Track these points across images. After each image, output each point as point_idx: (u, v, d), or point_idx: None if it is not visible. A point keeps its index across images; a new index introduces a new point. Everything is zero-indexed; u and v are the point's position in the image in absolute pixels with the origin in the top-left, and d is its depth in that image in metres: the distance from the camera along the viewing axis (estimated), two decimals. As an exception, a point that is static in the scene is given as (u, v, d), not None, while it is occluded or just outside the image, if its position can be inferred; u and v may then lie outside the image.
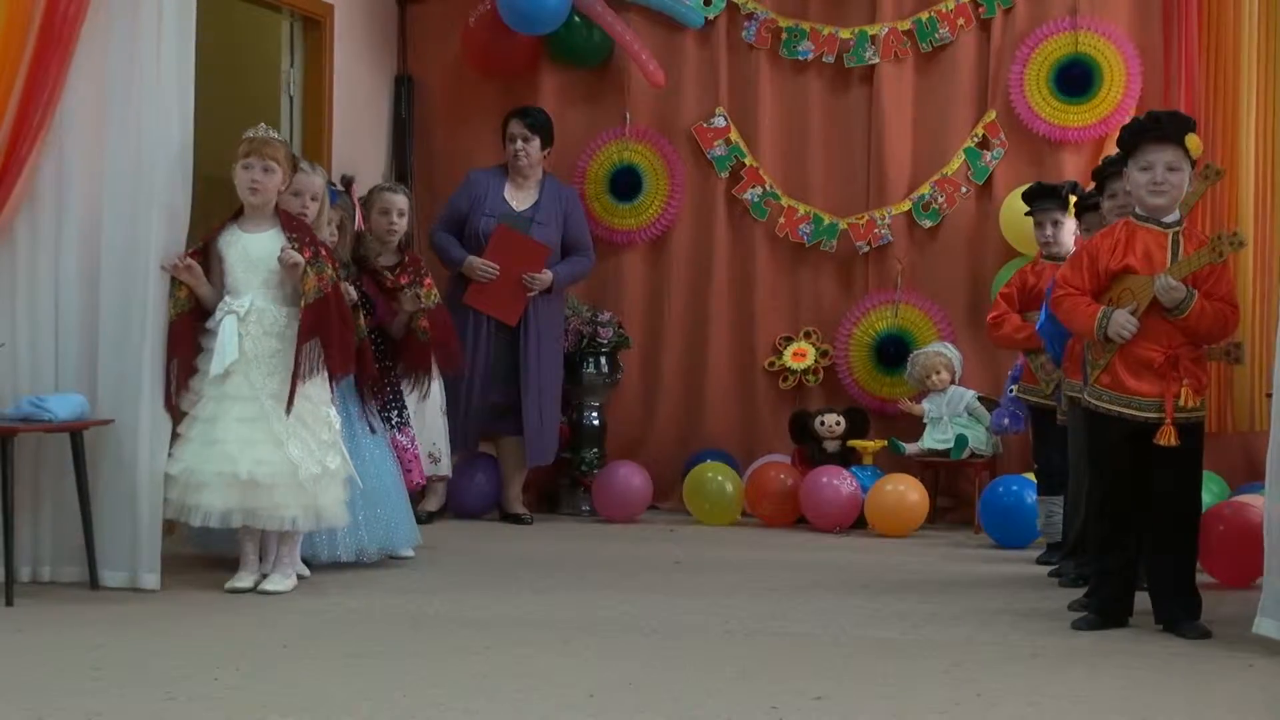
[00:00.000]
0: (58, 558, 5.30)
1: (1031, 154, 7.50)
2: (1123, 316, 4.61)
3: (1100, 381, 4.72)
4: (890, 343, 7.66)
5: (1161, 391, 4.62)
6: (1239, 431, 6.99)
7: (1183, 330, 4.63)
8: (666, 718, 3.56)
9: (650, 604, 5.13)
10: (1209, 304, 4.60)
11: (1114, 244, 4.71)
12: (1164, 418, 4.62)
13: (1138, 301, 4.62)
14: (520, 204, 7.36)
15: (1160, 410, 4.63)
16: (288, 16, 7.62)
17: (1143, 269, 4.64)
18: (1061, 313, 4.80)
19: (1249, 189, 7.01)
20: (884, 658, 4.32)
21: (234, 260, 5.26)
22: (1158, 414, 4.63)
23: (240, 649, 4.33)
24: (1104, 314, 4.65)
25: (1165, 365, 4.62)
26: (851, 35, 7.72)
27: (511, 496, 7.40)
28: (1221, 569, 5.47)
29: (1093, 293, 4.73)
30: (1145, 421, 4.65)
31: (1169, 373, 4.62)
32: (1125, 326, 4.61)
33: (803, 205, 7.80)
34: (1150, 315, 4.61)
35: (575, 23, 7.75)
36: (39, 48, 5.17)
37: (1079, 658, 4.34)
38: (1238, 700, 3.87)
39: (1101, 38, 7.40)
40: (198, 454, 5.13)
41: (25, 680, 3.90)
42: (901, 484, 7.00)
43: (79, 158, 5.27)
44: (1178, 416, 4.62)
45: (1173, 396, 4.62)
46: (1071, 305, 4.75)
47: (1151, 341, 4.63)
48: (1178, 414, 4.62)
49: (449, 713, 3.59)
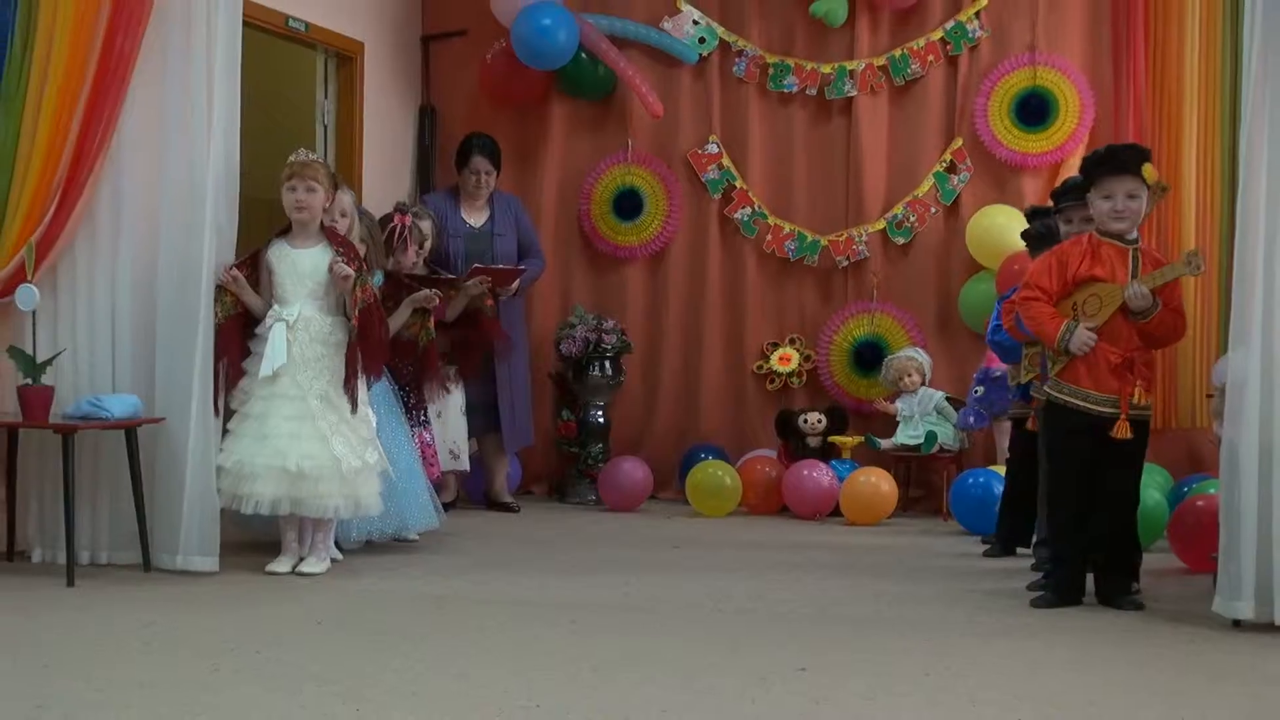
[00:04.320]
0: (114, 543, 5.30)
1: (994, 178, 7.50)
2: (1084, 334, 4.65)
3: (1062, 376, 4.74)
4: (867, 348, 7.65)
5: (1118, 390, 4.65)
6: (1181, 428, 6.99)
7: (1141, 335, 4.68)
8: (665, 689, 3.56)
9: (650, 585, 5.13)
10: (1164, 312, 4.66)
11: (1082, 254, 4.74)
12: (1119, 413, 4.64)
13: (1105, 306, 4.64)
14: (477, 221, 7.33)
15: (1115, 406, 4.66)
16: (322, 53, 7.63)
17: (1107, 278, 4.67)
18: (1028, 317, 4.81)
19: (1191, 206, 7.01)
20: (862, 633, 4.32)
21: (283, 272, 5.25)
22: (1112, 410, 4.65)
23: (279, 626, 4.33)
24: (1067, 328, 4.67)
25: (1122, 366, 4.65)
26: (832, 70, 7.71)
27: (498, 488, 7.35)
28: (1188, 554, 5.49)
29: (1059, 296, 4.75)
30: (1101, 416, 4.67)
31: (1125, 373, 4.65)
32: (1086, 344, 4.65)
33: (788, 224, 7.80)
34: (1111, 320, 4.64)
35: (582, 59, 7.76)
36: (96, 83, 5.18)
37: (1038, 633, 4.35)
38: (1180, 669, 3.88)
39: (1057, 72, 7.39)
40: (249, 448, 5.13)
41: (83, 653, 3.90)
42: (873, 476, 6.99)
43: (135, 180, 5.28)
44: (1131, 412, 4.66)
45: (1128, 394, 4.65)
46: (1038, 312, 4.76)
47: (1111, 344, 4.66)
48: (1131, 410, 4.66)
49: (468, 684, 3.59)
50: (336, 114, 7.72)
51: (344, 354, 5.24)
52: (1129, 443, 4.69)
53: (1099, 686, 3.70)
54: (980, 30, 7.55)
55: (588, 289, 8.05)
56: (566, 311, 7.89)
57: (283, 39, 7.22)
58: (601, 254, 8.03)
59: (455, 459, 6.88)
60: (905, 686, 3.63)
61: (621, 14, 7.91)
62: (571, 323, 7.68)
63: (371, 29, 7.81)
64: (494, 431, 7.25)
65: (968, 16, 7.55)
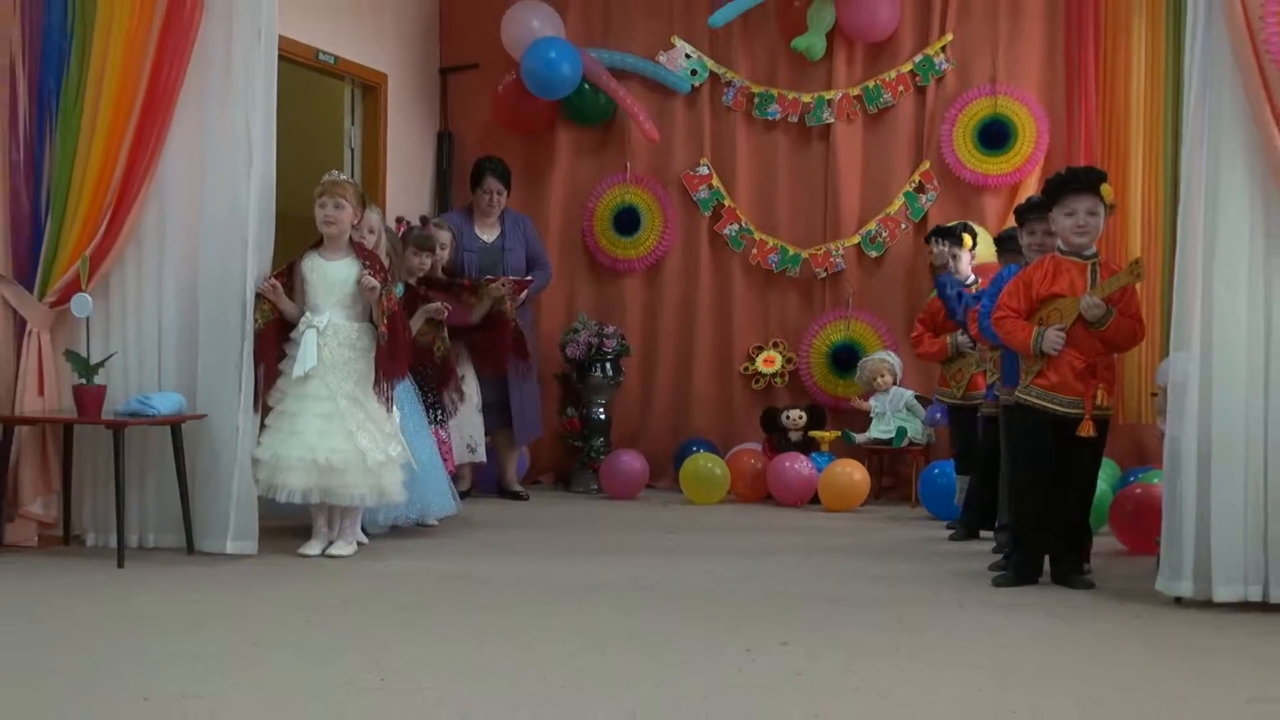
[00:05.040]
0: (160, 528, 5.30)
1: (959, 197, 7.50)
2: (1054, 334, 4.65)
3: (1034, 383, 4.73)
4: (843, 351, 7.65)
5: (1082, 392, 4.66)
6: (1128, 424, 6.98)
7: (1102, 341, 4.68)
8: (660, 662, 3.56)
9: (647, 566, 5.12)
10: (1122, 320, 4.65)
11: (1044, 274, 4.76)
12: (1083, 413, 4.65)
13: (1065, 319, 4.65)
14: (489, 237, 7.33)
15: (1079, 407, 4.66)
16: (349, 84, 7.62)
17: (1068, 294, 4.68)
18: (1002, 332, 4.81)
19: (1137, 221, 7.01)
20: (838, 610, 4.32)
21: (315, 282, 5.25)
22: (1077, 411, 4.66)
23: (311, 603, 4.32)
24: (1039, 333, 4.68)
25: (1086, 371, 4.66)
26: (812, 99, 7.71)
27: (509, 478, 7.34)
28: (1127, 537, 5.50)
29: (1026, 313, 4.76)
30: (1066, 416, 4.67)
31: (1089, 378, 4.66)
32: (1056, 344, 4.65)
33: (771, 239, 7.79)
34: (1075, 330, 4.65)
35: (585, 89, 7.75)
36: (144, 111, 5.19)
37: (998, 609, 4.34)
38: (1126, 641, 3.88)
39: (1016, 101, 7.39)
40: (283, 442, 5.13)
41: (133, 628, 3.90)
42: (849, 467, 6.98)
43: (179, 199, 5.28)
44: (1094, 412, 4.66)
45: (1091, 396, 4.66)
46: (1011, 326, 4.77)
47: (1076, 351, 4.66)
48: (1094, 411, 4.67)
49: (481, 656, 3.59)
50: (362, 139, 7.72)
51: (369, 357, 5.24)
52: (1090, 440, 4.69)
53: (1054, 656, 3.70)
54: (946, 63, 7.55)
55: (590, 298, 8.04)
56: (571, 318, 7.88)
57: (314, 71, 7.21)
58: (603, 266, 8.02)
59: (472, 452, 6.87)
60: (878, 658, 3.63)
61: (621, 48, 7.91)
62: (576, 328, 7.68)
63: (394, 62, 7.81)
64: (506, 427, 7.24)
65: (935, 50, 7.56)
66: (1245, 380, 4.32)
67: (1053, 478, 4.75)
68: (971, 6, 7.52)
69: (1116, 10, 7.08)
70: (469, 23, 8.14)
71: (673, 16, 7.91)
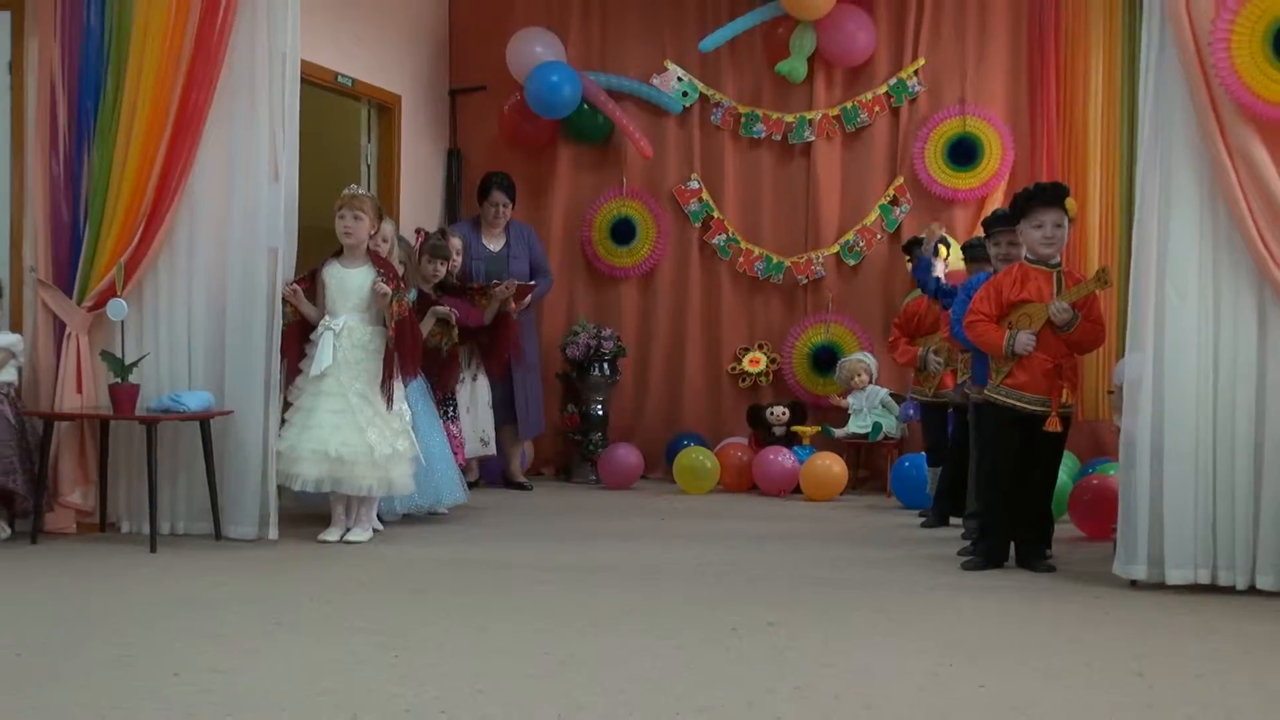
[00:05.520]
0: (190, 515, 5.29)
1: (930, 210, 7.49)
2: (1025, 337, 4.66)
3: (1004, 382, 4.74)
4: (823, 352, 7.65)
5: (1048, 391, 4.66)
6: (1087, 420, 6.99)
7: (1067, 343, 4.69)
8: (655, 639, 3.56)
9: (642, 551, 5.12)
10: (1086, 323, 4.66)
11: (1013, 281, 4.76)
12: (1049, 410, 4.66)
13: (1034, 323, 4.65)
14: (495, 246, 7.30)
15: (1045, 405, 4.67)
16: (366, 104, 7.61)
17: (1035, 299, 4.68)
18: (975, 335, 4.80)
19: (1095, 232, 7.03)
20: (819, 592, 4.32)
21: (333, 288, 5.26)
22: (1043, 408, 4.67)
23: (329, 586, 4.32)
24: (1010, 336, 4.68)
25: (1052, 371, 4.66)
26: (794, 119, 7.71)
27: (513, 469, 7.33)
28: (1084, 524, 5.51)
29: (997, 318, 4.76)
30: (1032, 413, 4.68)
31: (1054, 378, 4.66)
32: (1026, 345, 4.66)
33: (757, 248, 7.80)
34: (1042, 333, 4.66)
35: (584, 109, 7.75)
36: (175, 130, 5.19)
37: (968, 591, 4.35)
38: (1085, 619, 3.89)
39: (983, 120, 7.40)
40: (298, 436, 5.13)
41: (164, 608, 3.90)
42: (828, 459, 6.98)
43: (208, 211, 5.28)
44: (1060, 409, 4.67)
45: (1057, 394, 4.66)
46: (983, 329, 4.77)
47: (1044, 353, 4.66)
48: (1060, 408, 4.67)
49: (488, 635, 3.59)
50: (378, 155, 7.70)
51: (381, 358, 5.24)
52: (1054, 435, 4.69)
53: (1018, 634, 3.71)
54: (918, 86, 7.56)
55: (589, 302, 8.03)
56: (571, 321, 7.88)
57: (333, 92, 7.20)
58: (600, 273, 8.02)
59: (485, 445, 6.87)
60: (856, 635, 3.64)
61: (617, 71, 7.91)
62: (575, 331, 7.68)
63: (407, 84, 7.80)
64: (511, 422, 7.24)
65: (908, 74, 7.56)
66: (1195, 379, 4.33)
67: (1018, 470, 4.76)
68: (942, 33, 7.53)
69: (1076, 37, 7.11)
70: (477, 48, 8.13)
71: (665, 42, 7.91)
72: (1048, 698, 3.02)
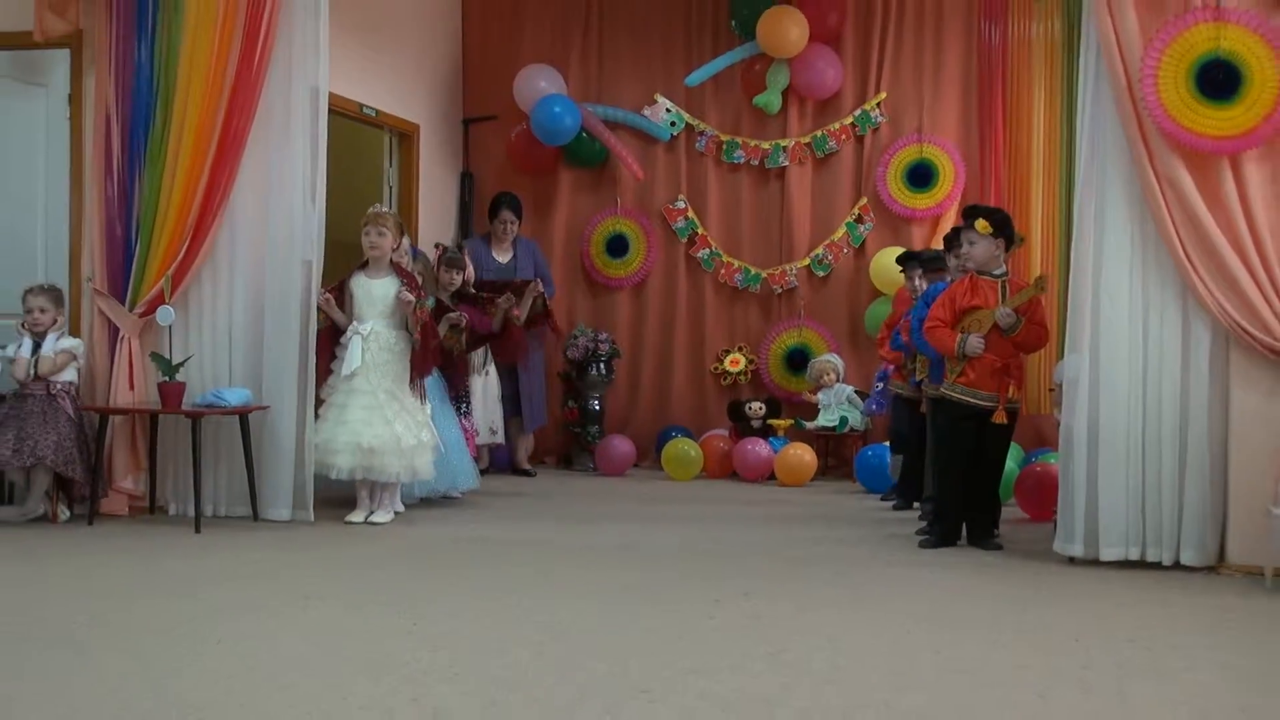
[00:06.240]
0: (231, 500, 5.28)
1: (890, 227, 7.50)
2: (975, 340, 4.67)
3: (958, 380, 4.75)
4: (796, 354, 7.65)
5: (997, 387, 4.67)
6: (1030, 414, 6.99)
7: (1013, 344, 4.71)
8: (647, 610, 3.57)
9: (634, 532, 5.12)
10: (1030, 326, 4.68)
11: (964, 290, 4.79)
12: (997, 405, 4.67)
13: (983, 327, 4.67)
14: (504, 259, 7.27)
15: (994, 400, 4.68)
16: (388, 132, 7.60)
17: (984, 305, 4.70)
18: (933, 339, 4.82)
19: (1037, 247, 7.02)
20: (791, 567, 4.33)
21: (360, 297, 5.26)
22: (992, 403, 4.68)
23: (355, 562, 4.32)
24: (962, 339, 4.69)
25: (1000, 370, 4.68)
26: (770, 146, 7.71)
27: (519, 458, 7.31)
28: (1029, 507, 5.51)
29: (952, 323, 4.77)
30: (981, 407, 4.69)
31: (1002, 376, 4.68)
32: (977, 348, 4.67)
33: (737, 260, 7.79)
34: (991, 335, 4.68)
35: (583, 137, 7.74)
36: (217, 155, 5.18)
37: (924, 567, 4.36)
38: (1029, 592, 3.90)
39: (938, 147, 7.41)
40: (333, 430, 5.13)
41: (207, 583, 3.89)
42: (800, 449, 6.97)
43: (247, 228, 5.26)
44: (1007, 404, 4.70)
45: (1004, 391, 4.68)
46: (940, 334, 4.78)
47: (992, 353, 4.68)
48: (1007, 403, 4.70)
49: (499, 605, 3.59)
50: (399, 178, 7.69)
51: (405, 359, 5.25)
52: (1002, 427, 4.71)
53: (970, 605, 3.72)
54: (880, 116, 7.57)
55: (587, 310, 8.02)
56: (571, 326, 7.87)
57: (358, 122, 7.19)
58: (597, 283, 8.02)
59: (494, 434, 6.88)
60: (826, 606, 3.65)
61: (612, 103, 7.90)
62: (575, 335, 7.67)
63: (425, 114, 7.79)
64: (517, 415, 7.23)
65: (871, 106, 7.57)
66: (1127, 377, 4.35)
67: (969, 459, 4.76)
68: (901, 70, 7.54)
69: (1020, 73, 7.11)
70: (487, 82, 8.13)
71: (655, 77, 7.91)
72: (995, 660, 3.04)
